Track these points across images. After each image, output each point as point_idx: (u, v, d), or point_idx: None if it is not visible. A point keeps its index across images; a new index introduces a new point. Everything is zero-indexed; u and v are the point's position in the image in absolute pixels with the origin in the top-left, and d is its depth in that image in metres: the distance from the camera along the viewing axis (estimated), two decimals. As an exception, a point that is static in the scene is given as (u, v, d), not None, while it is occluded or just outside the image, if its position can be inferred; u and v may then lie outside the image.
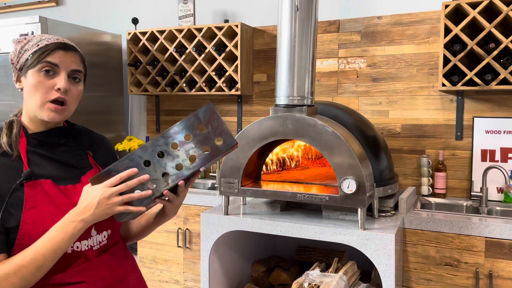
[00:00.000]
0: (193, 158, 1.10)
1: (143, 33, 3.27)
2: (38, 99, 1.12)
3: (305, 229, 2.10)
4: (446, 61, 2.48)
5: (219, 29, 3.05)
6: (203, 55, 3.09)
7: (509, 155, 2.60)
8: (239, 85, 3.01)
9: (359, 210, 2.00)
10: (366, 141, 2.26)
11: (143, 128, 3.69)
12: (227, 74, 3.04)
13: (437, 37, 2.72)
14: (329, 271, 2.15)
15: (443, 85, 2.47)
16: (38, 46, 1.13)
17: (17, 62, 1.16)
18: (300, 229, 2.11)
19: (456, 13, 2.53)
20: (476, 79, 2.40)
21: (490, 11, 2.45)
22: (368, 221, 2.14)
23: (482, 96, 2.65)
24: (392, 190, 2.30)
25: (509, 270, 2.11)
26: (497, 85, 2.37)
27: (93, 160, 1.27)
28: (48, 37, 1.16)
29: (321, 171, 2.67)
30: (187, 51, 3.14)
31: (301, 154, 2.81)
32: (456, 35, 2.46)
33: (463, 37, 2.42)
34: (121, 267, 1.23)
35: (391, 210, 2.32)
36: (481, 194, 2.49)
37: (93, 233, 1.16)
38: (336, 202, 2.05)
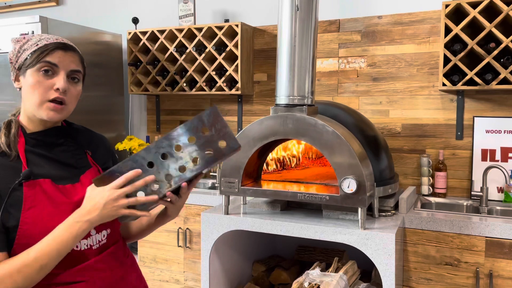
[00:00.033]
0: (196, 160, 1.10)
1: (144, 33, 3.27)
2: (36, 99, 1.12)
3: (305, 228, 2.10)
4: (446, 60, 2.48)
5: (220, 28, 3.04)
6: (203, 55, 3.09)
7: (510, 155, 2.60)
8: (239, 85, 3.01)
9: (360, 209, 2.00)
10: (366, 140, 2.26)
11: (143, 127, 3.69)
12: (228, 73, 3.04)
13: (438, 36, 2.71)
14: (329, 270, 2.15)
15: (444, 84, 2.47)
16: (37, 45, 1.13)
17: (16, 61, 1.16)
18: (300, 228, 2.11)
19: (456, 13, 2.52)
20: (476, 79, 2.40)
21: (490, 10, 2.45)
22: (368, 221, 2.14)
23: (482, 95, 2.65)
24: (392, 189, 2.30)
25: (509, 269, 2.11)
26: (497, 84, 2.37)
27: (92, 159, 1.27)
28: (47, 37, 1.16)
29: (321, 171, 2.67)
30: (188, 51, 3.14)
31: (301, 152, 2.80)
32: (456, 35, 2.45)
33: (464, 36, 2.42)
34: (121, 266, 1.23)
35: (392, 209, 2.31)
36: (481, 193, 2.49)
37: (93, 232, 1.16)
38: (336, 201, 2.05)
